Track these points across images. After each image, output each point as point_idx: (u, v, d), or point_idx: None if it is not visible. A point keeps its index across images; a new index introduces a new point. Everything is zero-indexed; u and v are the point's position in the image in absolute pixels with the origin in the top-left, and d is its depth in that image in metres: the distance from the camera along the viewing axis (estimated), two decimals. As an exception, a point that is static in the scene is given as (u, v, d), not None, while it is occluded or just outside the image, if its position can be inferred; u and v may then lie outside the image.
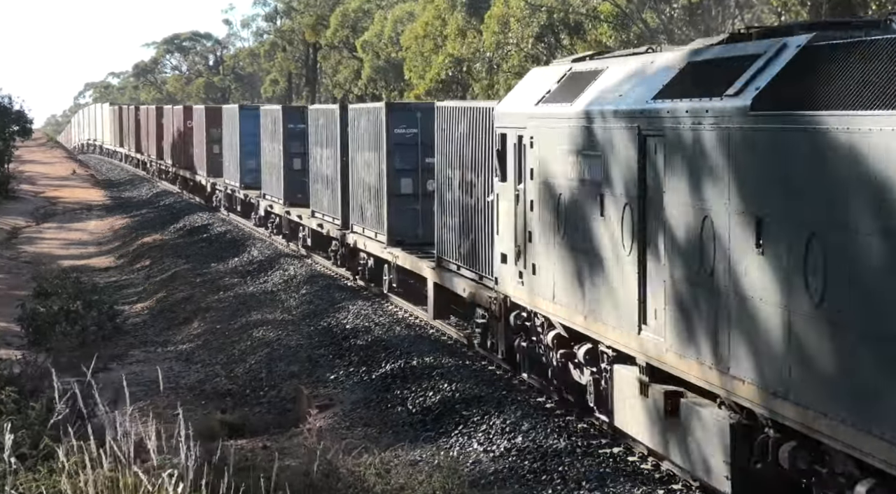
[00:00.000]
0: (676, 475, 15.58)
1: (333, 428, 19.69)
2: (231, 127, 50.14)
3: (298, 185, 39.39)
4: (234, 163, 49.46)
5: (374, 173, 30.00)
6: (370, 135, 30.26)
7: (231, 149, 50.25)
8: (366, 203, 30.92)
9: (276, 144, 41.62)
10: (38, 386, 18.60)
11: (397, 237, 28.98)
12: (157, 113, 73.92)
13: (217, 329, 29.37)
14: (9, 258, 45.09)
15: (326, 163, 34.93)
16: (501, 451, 17.15)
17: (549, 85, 18.57)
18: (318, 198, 36.40)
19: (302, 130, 39.02)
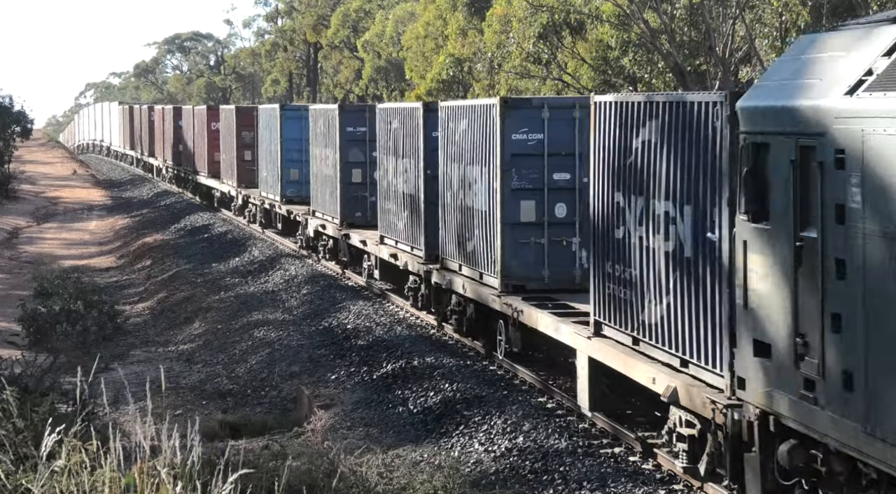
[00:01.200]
0: (677, 475, 15.59)
1: (335, 428, 19.70)
2: (269, 130, 43.36)
3: (359, 202, 33.25)
4: (272, 173, 42.72)
5: (479, 193, 22.83)
6: (472, 142, 23.14)
7: (269, 156, 43.38)
8: (465, 232, 23.76)
9: (329, 152, 34.75)
10: (39, 386, 18.61)
11: (515, 281, 21.82)
12: (175, 113, 66.91)
13: (218, 329, 29.39)
14: (10, 258, 45.11)
15: (403, 177, 27.80)
16: (503, 451, 17.17)
17: (869, 61, 11.38)
18: (389, 221, 29.11)
19: (363, 135, 33.05)
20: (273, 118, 42.46)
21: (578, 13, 39.67)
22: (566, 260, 21.86)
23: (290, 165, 40.96)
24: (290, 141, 40.87)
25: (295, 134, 40.62)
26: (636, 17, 36.43)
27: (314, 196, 36.76)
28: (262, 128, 44.67)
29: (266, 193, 43.93)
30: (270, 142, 42.92)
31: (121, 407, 16.90)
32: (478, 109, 22.88)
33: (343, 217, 33.50)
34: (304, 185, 39.18)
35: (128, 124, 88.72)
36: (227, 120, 51.48)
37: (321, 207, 35.85)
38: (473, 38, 46.40)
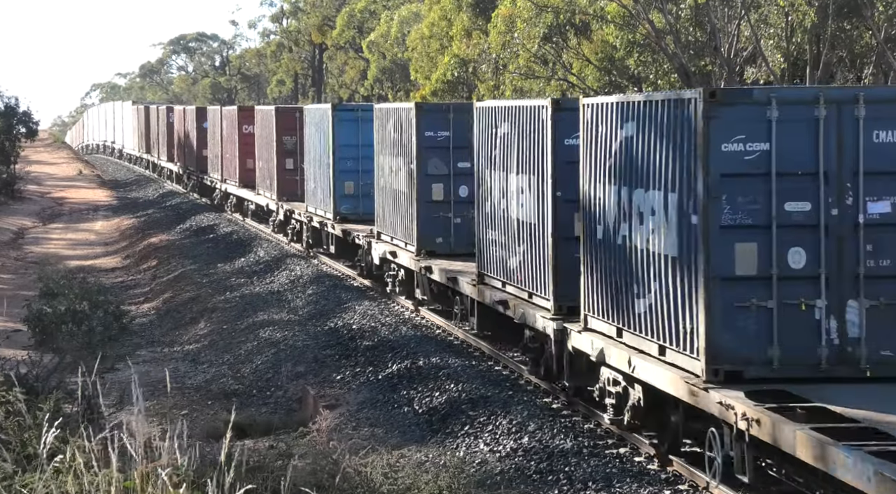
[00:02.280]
0: (683, 475, 15.57)
1: (340, 428, 19.69)
2: (318, 134, 37.02)
3: (440, 225, 27.21)
4: (322, 186, 36.46)
5: (659, 228, 15.76)
6: (647, 154, 16.11)
7: (317, 165, 37.16)
8: (630, 282, 16.63)
9: (402, 161, 28.30)
10: (45, 385, 18.61)
11: (728, 364, 14.67)
12: (199, 115, 60.69)
13: (223, 329, 29.39)
14: (15, 258, 45.14)
15: (518, 199, 21.33)
16: (508, 451, 17.15)
17: None
18: (494, 255, 22.65)
19: (445, 140, 27.18)
20: (323, 120, 36.28)
21: (583, 14, 39.65)
22: (806, 332, 14.74)
23: (345, 177, 34.87)
24: (345, 147, 34.86)
25: (350, 138, 34.72)
26: (641, 17, 36.40)
27: (380, 215, 30.46)
28: (310, 133, 38.43)
29: (314, 209, 37.49)
30: (320, 149, 36.80)
31: (126, 407, 16.90)
32: (663, 105, 15.69)
33: (421, 243, 27.14)
34: (361, 200, 34.21)
35: (143, 126, 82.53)
36: (265, 122, 45.19)
37: (389, 229, 29.54)
38: (478, 39, 46.39)
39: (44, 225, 57.98)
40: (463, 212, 26.56)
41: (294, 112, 43.11)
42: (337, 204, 35.07)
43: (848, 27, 33.09)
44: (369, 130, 32.15)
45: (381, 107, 31.23)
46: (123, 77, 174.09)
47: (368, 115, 32.81)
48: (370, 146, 31.94)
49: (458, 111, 27.25)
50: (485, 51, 45.35)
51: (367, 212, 32.70)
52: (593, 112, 17.78)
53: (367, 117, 32.91)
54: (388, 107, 30.75)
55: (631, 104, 16.55)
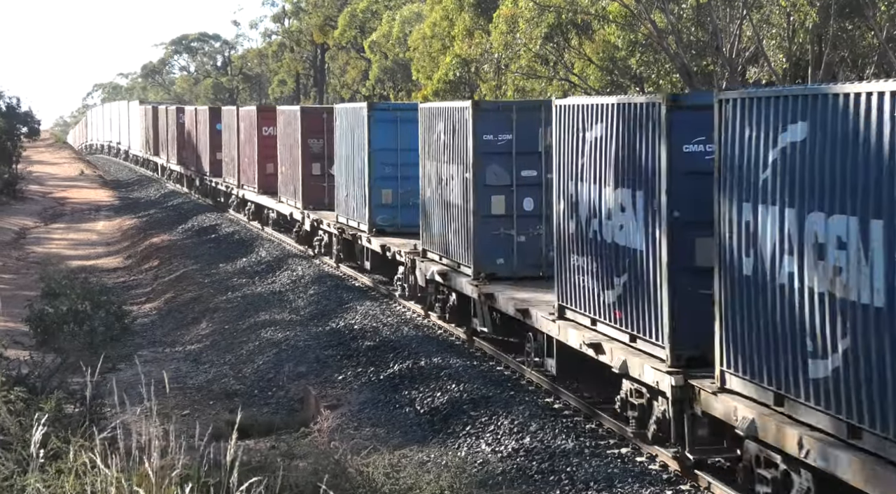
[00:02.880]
0: (684, 475, 15.57)
1: (342, 429, 19.70)
2: (350, 137, 33.34)
3: (502, 245, 23.65)
4: (356, 194, 32.82)
5: (850, 270, 11.95)
6: (831, 166, 12.38)
7: (349, 171, 33.45)
8: (784, 329, 13.13)
9: (454, 169, 24.70)
10: (46, 385, 18.63)
11: None
12: (212, 116, 57.31)
13: (225, 329, 29.40)
14: (17, 258, 45.15)
15: (616, 218, 17.32)
16: (509, 451, 17.16)
17: None
18: (576, 283, 18.80)
19: (507, 145, 23.48)
20: (357, 121, 32.41)
21: (585, 13, 39.65)
22: None
23: (383, 184, 31.25)
24: (383, 151, 31.16)
25: (388, 142, 31.11)
26: (643, 17, 36.40)
27: (426, 230, 26.90)
28: (341, 135, 34.47)
29: (346, 219, 33.97)
30: (353, 153, 33.01)
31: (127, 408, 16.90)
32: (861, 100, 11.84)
33: (478, 265, 23.54)
34: (400, 211, 30.86)
35: (151, 126, 78.79)
36: (288, 124, 41.36)
37: (438, 247, 26.04)
38: (480, 39, 46.38)
39: (45, 225, 58.00)
40: (528, 229, 23.31)
41: (321, 112, 39.73)
42: (373, 214, 31.45)
43: (850, 27, 33.08)
44: (409, 132, 29.27)
45: (430, 107, 26.90)
46: (125, 77, 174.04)
47: (409, 116, 29.67)
48: (411, 150, 29.00)
49: (523, 110, 23.57)
50: (487, 50, 45.35)
51: (408, 223, 29.76)
52: (742, 109, 13.99)
53: (408, 118, 29.82)
54: (438, 107, 26.19)
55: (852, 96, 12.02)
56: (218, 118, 55.90)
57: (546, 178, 22.48)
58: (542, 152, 22.82)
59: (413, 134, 28.55)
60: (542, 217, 22.78)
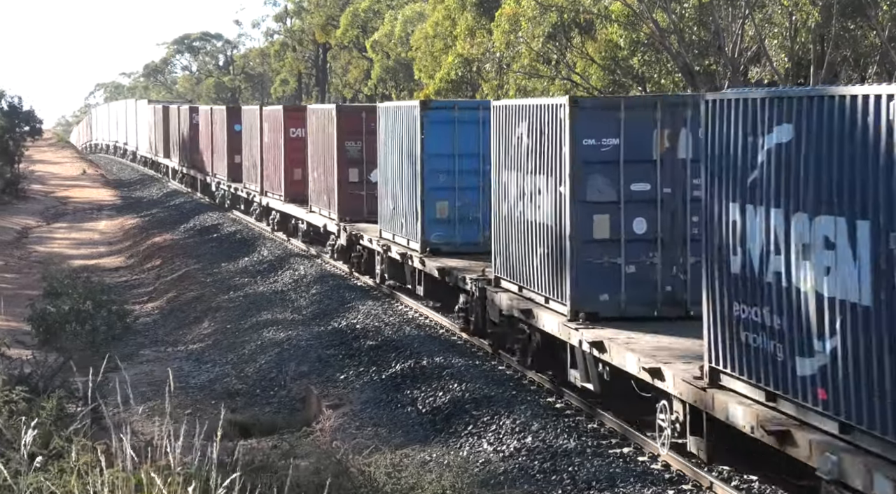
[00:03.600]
0: (686, 475, 15.58)
1: (344, 428, 19.71)
2: (398, 140, 28.89)
3: (606, 276, 18.99)
4: (404, 206, 28.55)
5: None
6: None
7: (396, 179, 29.14)
8: None
9: (542, 181, 19.82)
10: (49, 385, 18.64)
11: None
12: (230, 116, 52.87)
13: (227, 328, 29.41)
14: (19, 258, 45.18)
15: (815, 254, 12.68)
16: (511, 451, 17.16)
17: None
18: (745, 343, 14.16)
19: (614, 152, 18.87)
20: (407, 122, 28.18)
21: (587, 13, 39.67)
22: None
23: (437, 195, 27.15)
24: (438, 157, 27.00)
25: (443, 146, 26.98)
26: (645, 16, 36.41)
27: (501, 252, 22.12)
28: (386, 137, 30.09)
29: (392, 235, 29.63)
30: (400, 159, 28.74)
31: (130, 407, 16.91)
32: None
33: (576, 301, 18.89)
34: (458, 227, 27.03)
35: (161, 127, 73.79)
36: (321, 125, 36.84)
37: (517, 275, 21.32)
38: (482, 38, 46.40)
39: (48, 224, 58.03)
40: (639, 257, 18.89)
41: (359, 112, 35.40)
42: (426, 231, 27.24)
43: (852, 27, 33.10)
44: (470, 134, 26.45)
45: (508, 105, 21.98)
46: (127, 76, 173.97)
47: (470, 116, 26.73)
48: (472, 155, 26.29)
49: (633, 109, 19.02)
50: (489, 50, 45.37)
51: (467, 242, 26.72)
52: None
53: (468, 118, 26.73)
54: (521, 105, 21.35)
55: None
56: (237, 118, 51.63)
57: (664, 193, 18.82)
58: (658, 160, 18.79)
59: (473, 136, 26.11)
60: (657, 242, 18.80)
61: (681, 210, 18.82)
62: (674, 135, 18.77)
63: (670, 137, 18.79)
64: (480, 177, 25.83)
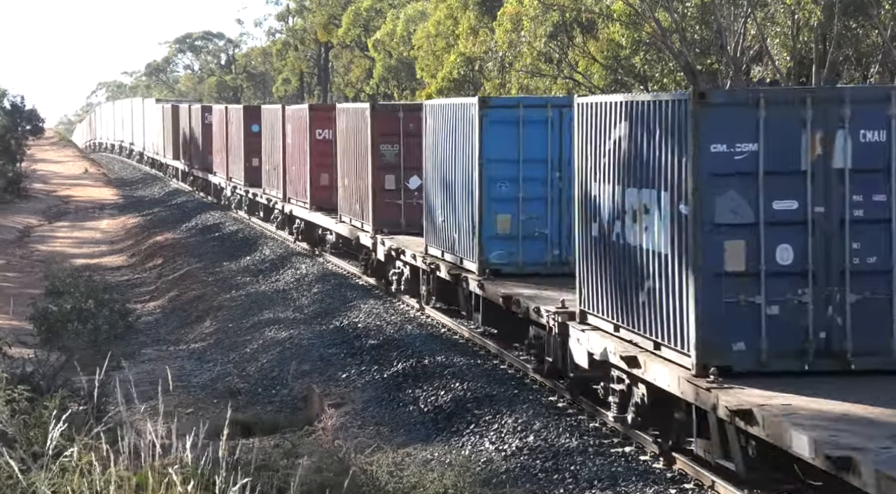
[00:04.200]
0: (688, 474, 15.57)
1: (346, 427, 19.71)
2: (448, 142, 25.54)
3: (740, 318, 14.87)
4: (456, 219, 25.02)
5: None
6: None
7: (445, 188, 25.83)
8: None
9: (652, 197, 16.02)
10: (51, 384, 18.65)
11: None
12: (247, 116, 49.51)
13: (229, 327, 29.41)
14: (21, 256, 45.20)
15: None
16: (513, 450, 17.15)
17: None
18: None
19: (752, 160, 14.89)
20: (461, 121, 24.61)
21: (589, 12, 39.66)
22: None
23: (498, 207, 23.54)
24: (498, 163, 23.42)
25: (506, 150, 23.41)
26: (647, 15, 36.40)
27: (586, 280, 18.24)
28: (434, 139, 26.54)
29: (440, 251, 25.96)
30: (452, 165, 25.29)
31: (132, 406, 16.91)
32: None
33: (704, 351, 14.73)
34: (523, 245, 23.45)
35: (170, 127, 70.23)
36: (352, 126, 33.23)
37: (614, 313, 17.32)
38: (484, 37, 46.39)
39: (49, 223, 58.05)
40: (784, 295, 14.94)
41: (397, 111, 31.80)
42: (484, 249, 23.53)
43: (854, 26, 33.08)
44: (537, 136, 23.29)
45: (600, 102, 17.94)
46: (129, 75, 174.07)
47: (538, 114, 23.41)
48: (539, 161, 23.26)
49: (778, 104, 15.06)
50: (491, 49, 45.36)
51: (533, 262, 23.39)
52: None
53: (534, 117, 23.39)
54: (618, 102, 17.28)
55: None
56: (255, 118, 48.19)
57: (815, 213, 14.91)
58: (809, 171, 14.89)
59: (540, 139, 23.17)
60: (807, 275, 14.89)
61: (837, 234, 14.86)
62: (828, 138, 14.81)
63: (823, 142, 14.85)
64: (549, 187, 23.16)
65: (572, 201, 19.83)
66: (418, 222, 28.28)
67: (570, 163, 21.41)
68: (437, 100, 30.22)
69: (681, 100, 15.34)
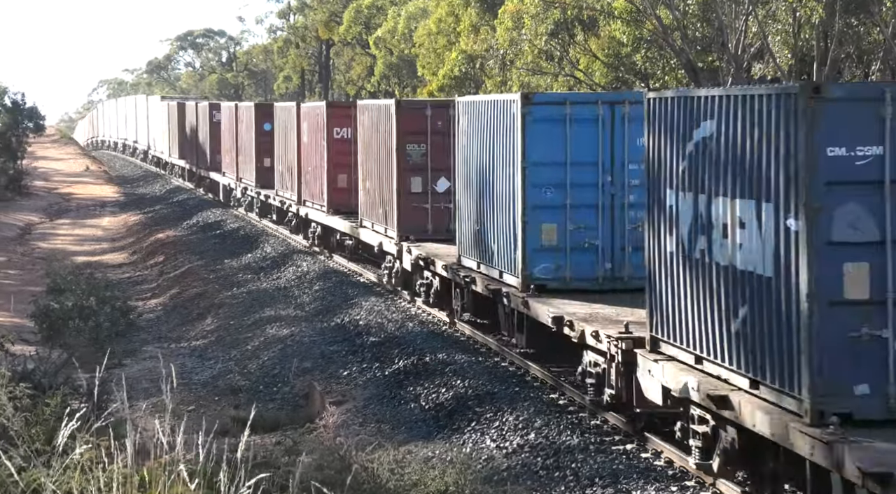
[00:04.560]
0: (689, 471, 15.58)
1: (347, 424, 19.73)
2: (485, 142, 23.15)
3: (864, 360, 12.39)
4: (495, 228, 22.72)
5: None
6: None
7: (482, 193, 23.47)
8: None
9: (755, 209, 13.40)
10: (52, 381, 18.66)
11: None
12: (259, 114, 47.19)
13: (230, 325, 29.42)
14: (22, 254, 45.21)
15: None
16: (514, 447, 17.16)
17: None
18: None
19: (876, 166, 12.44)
20: (502, 121, 22.10)
21: (591, 9, 39.65)
22: None
23: (543, 216, 21.18)
24: (543, 167, 21.06)
25: (552, 151, 21.06)
26: (648, 13, 36.39)
27: (665, 305, 15.75)
28: (468, 140, 24.19)
29: (475, 263, 23.80)
30: (488, 167, 22.95)
31: (133, 403, 16.92)
32: None
33: (820, 394, 12.37)
34: (570, 257, 21.18)
35: (176, 125, 68.07)
36: (374, 124, 30.80)
37: (696, 342, 14.96)
38: (485, 35, 46.39)
39: (51, 220, 58.06)
40: None
41: (423, 108, 29.29)
42: (527, 262, 21.21)
43: (855, 23, 33.07)
44: (587, 136, 21.02)
45: (679, 97, 15.37)
46: (130, 73, 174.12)
47: (587, 112, 21.06)
48: (588, 164, 21.04)
49: None
50: (492, 47, 45.35)
51: (582, 277, 21.10)
52: None
53: (584, 115, 21.06)
54: (702, 96, 14.78)
55: None
56: (267, 116, 45.58)
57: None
58: None
59: (590, 139, 20.97)
60: None
61: None
62: None
63: None
64: (600, 193, 21.00)
65: (625, 209, 18.98)
66: (446, 228, 27.02)
67: (623, 166, 20.46)
68: (471, 97, 27.34)
69: (788, 95, 12.90)
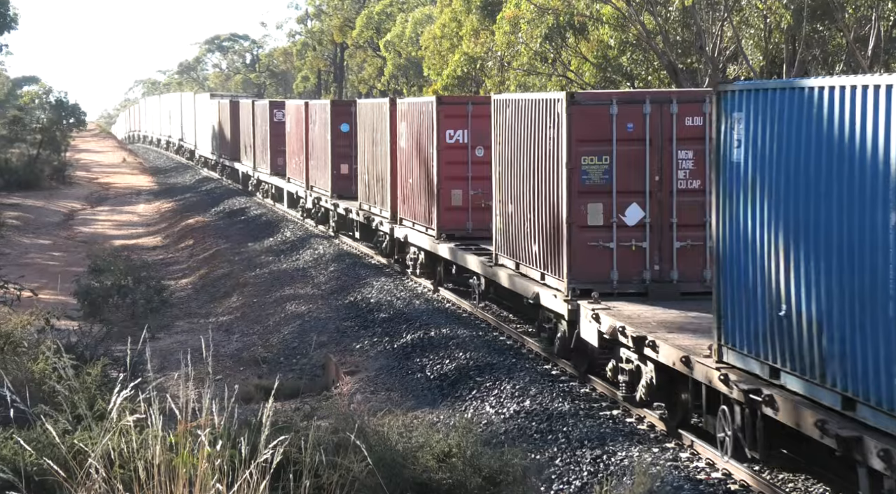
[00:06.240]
0: (670, 434, 15.61)
1: (360, 392, 19.77)
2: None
3: None
4: None
5: None
6: None
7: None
8: None
9: None
10: (93, 353, 18.70)
11: None
12: (335, 113, 36.43)
13: (254, 302, 29.45)
14: (66, 238, 45.23)
15: None
16: (511, 413, 17.20)
17: None
18: None
19: None
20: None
21: (581, 15, 39.57)
22: None
23: None
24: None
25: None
26: (633, 19, 36.32)
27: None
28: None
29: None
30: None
31: (166, 373, 16.98)
32: None
33: None
34: None
35: (228, 125, 57.71)
36: (523, 124, 20.03)
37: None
38: (485, 39, 46.32)
39: (91, 207, 58.06)
40: None
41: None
42: None
43: (821, 28, 33.00)
44: None
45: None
46: (163, 73, 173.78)
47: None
48: None
49: None
50: (491, 49, 45.28)
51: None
52: None
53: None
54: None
55: None
56: (345, 115, 35.83)
57: None
58: None
59: None
60: None
61: None
62: None
63: None
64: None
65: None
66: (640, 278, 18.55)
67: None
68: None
69: None
